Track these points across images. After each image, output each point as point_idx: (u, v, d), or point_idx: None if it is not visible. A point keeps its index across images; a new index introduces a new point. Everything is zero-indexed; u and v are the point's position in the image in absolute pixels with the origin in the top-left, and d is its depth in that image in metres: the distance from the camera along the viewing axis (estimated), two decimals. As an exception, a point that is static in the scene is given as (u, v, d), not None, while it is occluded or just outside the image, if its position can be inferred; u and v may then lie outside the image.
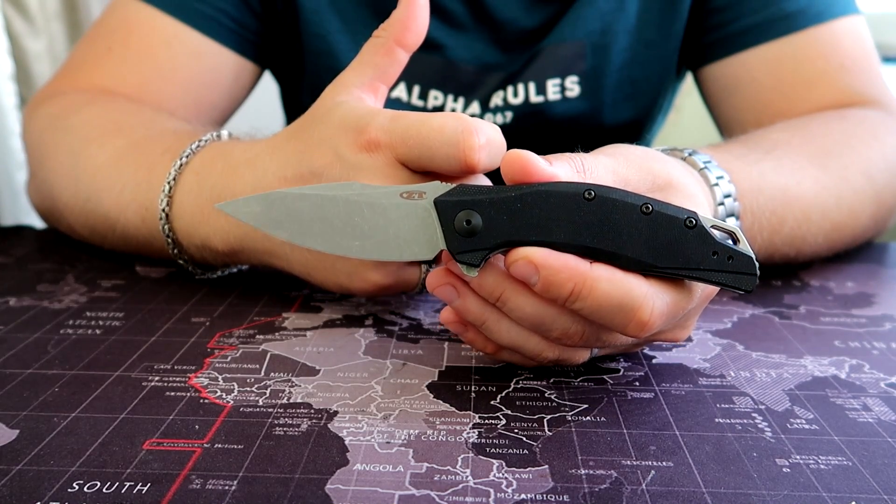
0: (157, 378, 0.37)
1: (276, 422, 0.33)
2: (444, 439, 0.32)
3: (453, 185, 0.34)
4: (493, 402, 0.35)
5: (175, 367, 0.38)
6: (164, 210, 0.45)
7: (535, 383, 0.36)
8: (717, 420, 0.33)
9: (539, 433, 0.32)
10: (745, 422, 0.33)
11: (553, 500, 0.28)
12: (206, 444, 0.31)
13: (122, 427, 0.32)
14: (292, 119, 0.64)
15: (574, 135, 0.64)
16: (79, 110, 0.54)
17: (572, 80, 0.63)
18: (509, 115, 0.64)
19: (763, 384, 0.37)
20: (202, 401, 0.35)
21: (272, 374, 0.37)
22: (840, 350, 0.40)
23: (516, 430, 0.32)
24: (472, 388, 0.36)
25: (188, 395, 0.35)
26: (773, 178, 0.46)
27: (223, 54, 0.62)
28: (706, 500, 0.28)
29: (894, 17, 1.38)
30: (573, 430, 0.32)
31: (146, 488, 0.28)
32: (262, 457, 0.30)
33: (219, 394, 0.35)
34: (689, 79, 0.72)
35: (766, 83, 0.60)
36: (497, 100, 0.64)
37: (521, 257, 0.31)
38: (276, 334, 0.42)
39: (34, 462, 0.30)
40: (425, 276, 0.40)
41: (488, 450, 0.31)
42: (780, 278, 0.50)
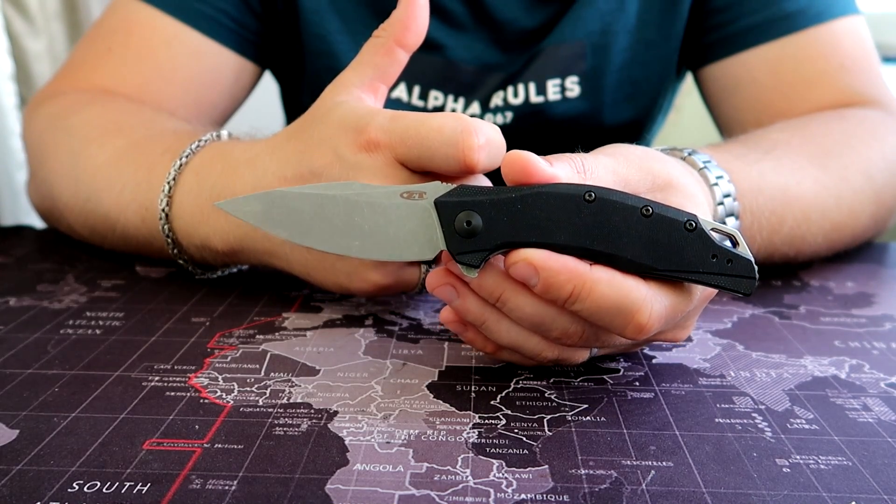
0: (157, 378, 0.37)
1: (276, 422, 0.33)
2: (444, 439, 0.32)
3: (454, 186, 0.34)
4: (493, 402, 0.35)
5: (175, 367, 0.38)
6: (163, 210, 0.45)
7: (535, 383, 0.36)
8: (717, 420, 0.33)
9: (539, 433, 0.32)
10: (745, 422, 0.33)
11: (553, 500, 0.28)
12: (206, 444, 0.31)
13: (122, 427, 0.32)
14: (292, 119, 0.64)
15: (574, 135, 0.64)
16: (79, 110, 0.54)
17: (572, 81, 0.63)
18: (509, 115, 0.64)
19: (763, 384, 0.37)
20: (202, 401, 0.35)
21: (272, 374, 0.37)
22: (840, 350, 0.40)
23: (516, 430, 0.32)
24: (472, 388, 0.36)
25: (188, 395, 0.35)
26: (772, 177, 0.46)
27: (223, 54, 0.62)
28: (706, 500, 0.28)
29: (894, 17, 1.38)
30: (573, 430, 0.32)
31: (146, 488, 0.28)
32: (262, 457, 0.30)
33: (219, 394, 0.35)
34: (689, 79, 0.72)
35: (766, 83, 0.60)
36: (497, 100, 0.64)
37: (520, 259, 0.31)
38: (276, 334, 0.42)
39: (34, 462, 0.30)
40: (425, 277, 0.40)
41: (488, 450, 0.31)
42: (780, 278, 0.50)
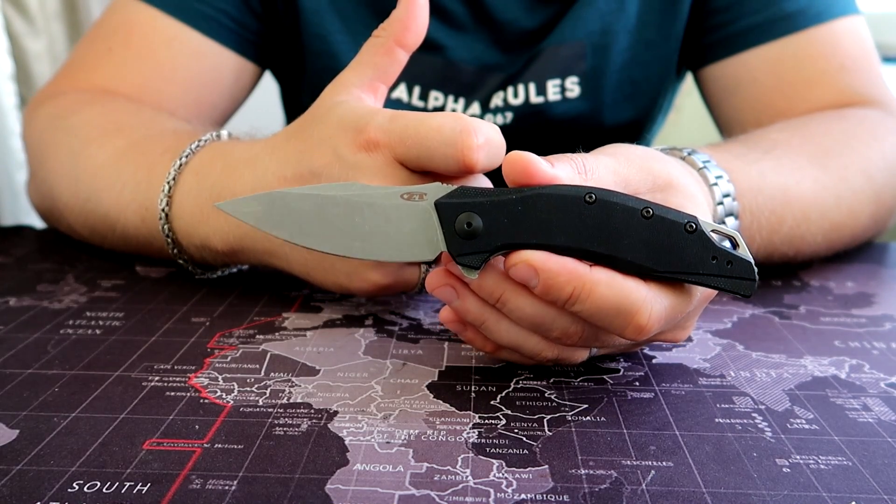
0: (157, 378, 0.37)
1: (276, 422, 0.33)
2: (444, 439, 0.32)
3: (454, 187, 0.34)
4: (493, 402, 0.35)
5: (175, 367, 0.38)
6: (163, 210, 0.45)
7: (535, 383, 0.36)
8: (717, 420, 0.33)
9: (539, 433, 0.32)
10: (745, 422, 0.33)
11: (553, 500, 0.28)
12: (206, 444, 0.31)
13: (122, 427, 0.32)
14: (292, 119, 0.63)
15: (574, 135, 0.64)
16: (79, 110, 0.54)
17: (572, 81, 0.63)
18: (509, 115, 0.64)
19: (763, 384, 0.37)
20: (202, 401, 0.35)
21: (272, 374, 0.37)
22: (840, 350, 0.40)
23: (516, 430, 0.32)
24: (472, 388, 0.36)
25: (188, 395, 0.35)
26: (772, 177, 0.46)
27: (224, 54, 0.62)
28: (706, 500, 0.28)
29: (894, 17, 1.37)
30: (573, 430, 0.32)
31: (146, 488, 0.28)
32: (262, 457, 0.30)
33: (219, 394, 0.35)
34: (689, 79, 0.72)
35: (766, 83, 0.60)
36: (497, 100, 0.64)
37: (520, 260, 0.31)
38: (276, 334, 0.42)
39: (34, 462, 0.30)
40: (425, 277, 0.40)
41: (488, 450, 0.31)
42: (780, 278, 0.50)
